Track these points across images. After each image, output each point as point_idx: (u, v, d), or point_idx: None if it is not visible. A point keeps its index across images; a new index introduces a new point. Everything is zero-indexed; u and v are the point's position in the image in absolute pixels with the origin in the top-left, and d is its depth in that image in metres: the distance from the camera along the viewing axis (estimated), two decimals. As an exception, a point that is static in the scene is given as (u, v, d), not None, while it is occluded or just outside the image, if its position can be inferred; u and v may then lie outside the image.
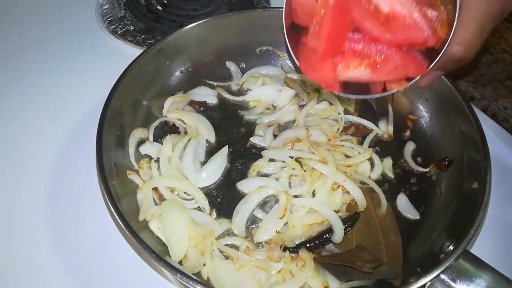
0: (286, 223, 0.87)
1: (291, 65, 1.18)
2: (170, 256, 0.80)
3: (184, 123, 1.03)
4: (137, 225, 0.83)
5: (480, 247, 0.90)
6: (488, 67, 1.30)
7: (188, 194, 0.92)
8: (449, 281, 0.69)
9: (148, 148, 0.97)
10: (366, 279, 0.78)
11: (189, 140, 0.98)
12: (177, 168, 0.94)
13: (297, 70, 1.00)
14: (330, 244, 0.86)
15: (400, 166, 1.00)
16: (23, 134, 1.08)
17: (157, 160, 0.95)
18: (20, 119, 1.11)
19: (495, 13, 0.68)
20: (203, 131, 1.01)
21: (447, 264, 0.69)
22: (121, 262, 0.88)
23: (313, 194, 0.92)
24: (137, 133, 0.98)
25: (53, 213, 0.94)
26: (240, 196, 0.92)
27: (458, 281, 0.69)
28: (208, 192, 0.94)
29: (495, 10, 0.68)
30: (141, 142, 0.99)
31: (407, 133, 1.06)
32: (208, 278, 0.80)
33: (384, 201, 0.92)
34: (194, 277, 0.72)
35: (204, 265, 0.81)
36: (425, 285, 0.69)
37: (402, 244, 0.85)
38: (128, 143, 0.96)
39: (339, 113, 1.07)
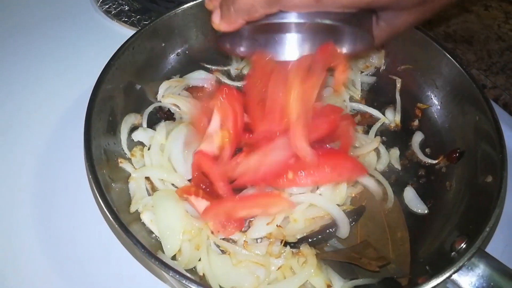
0: (287, 217, 0.82)
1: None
2: (163, 251, 0.75)
3: (180, 109, 0.98)
4: (128, 218, 0.78)
5: (495, 245, 0.85)
6: (500, 54, 1.24)
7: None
8: (461, 284, 0.64)
9: (141, 135, 0.92)
10: (372, 278, 0.73)
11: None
12: (169, 157, 0.88)
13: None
14: (333, 240, 0.81)
15: (407, 157, 0.95)
16: (10, 119, 1.03)
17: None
18: (8, 104, 1.06)
19: None
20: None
21: (460, 264, 0.64)
22: (110, 258, 0.84)
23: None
24: (130, 119, 0.93)
25: (39, 204, 0.90)
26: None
27: (472, 283, 0.64)
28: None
29: None
30: (134, 128, 0.93)
31: (416, 123, 1.00)
32: (203, 274, 0.75)
33: (391, 194, 0.87)
34: (188, 275, 0.67)
35: (200, 260, 0.76)
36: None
37: (409, 241, 0.80)
38: (120, 129, 0.90)
39: (344, 101, 1.02)
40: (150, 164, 0.87)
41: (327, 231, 0.81)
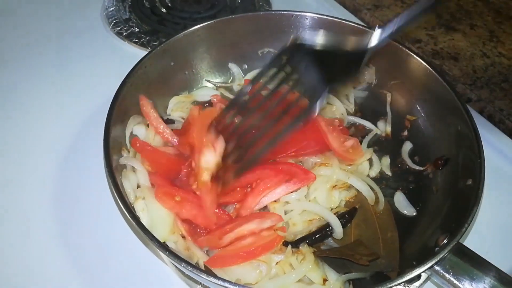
0: (287, 222, 0.90)
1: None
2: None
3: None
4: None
5: (473, 241, 0.92)
6: (485, 70, 1.33)
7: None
8: (443, 272, 0.72)
9: (139, 130, 0.99)
10: (364, 271, 0.80)
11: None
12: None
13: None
14: (329, 239, 0.89)
15: (397, 165, 1.03)
16: (28, 134, 1.10)
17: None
18: (26, 118, 1.13)
19: None
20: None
21: (441, 256, 0.71)
22: (128, 255, 0.91)
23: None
24: (138, 119, 1.00)
25: (58, 213, 0.97)
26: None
27: (452, 272, 0.72)
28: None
29: None
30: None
31: (405, 133, 1.08)
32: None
33: (382, 198, 0.95)
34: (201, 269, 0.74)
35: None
36: (420, 275, 0.72)
37: (399, 239, 0.88)
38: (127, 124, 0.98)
39: (342, 114, 1.10)
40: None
41: (323, 232, 0.88)
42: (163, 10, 1.44)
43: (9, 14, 1.40)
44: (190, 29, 1.09)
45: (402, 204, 0.96)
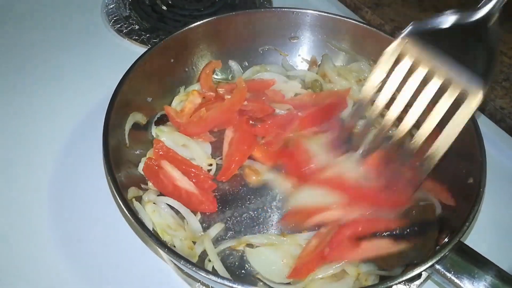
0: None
1: (292, 64, 1.21)
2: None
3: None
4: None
5: (474, 240, 0.92)
6: (486, 68, 1.32)
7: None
8: (444, 271, 0.71)
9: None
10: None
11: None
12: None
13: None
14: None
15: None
16: (27, 130, 1.10)
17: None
18: (26, 116, 1.13)
19: None
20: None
21: (442, 254, 0.71)
22: (127, 252, 0.91)
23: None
24: (137, 116, 1.00)
25: (55, 210, 0.96)
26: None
27: (453, 271, 0.71)
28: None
29: None
30: (135, 125, 1.00)
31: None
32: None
33: None
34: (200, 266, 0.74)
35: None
36: (420, 274, 0.72)
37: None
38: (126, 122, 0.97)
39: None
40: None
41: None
42: (164, 7, 1.44)
43: (8, 11, 1.40)
44: (190, 26, 1.08)
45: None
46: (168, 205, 0.90)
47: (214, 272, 0.75)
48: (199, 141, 1.01)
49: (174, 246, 0.85)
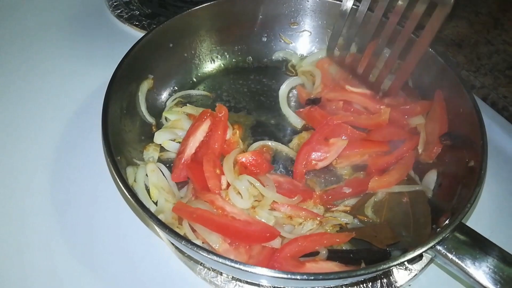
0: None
1: (295, 51, 1.20)
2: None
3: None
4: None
5: (477, 222, 0.90)
6: (489, 57, 1.31)
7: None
8: (446, 252, 0.71)
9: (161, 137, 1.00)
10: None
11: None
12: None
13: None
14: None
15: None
16: (28, 114, 1.10)
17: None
18: (27, 98, 1.13)
19: None
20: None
21: (443, 235, 0.70)
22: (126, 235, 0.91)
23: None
24: (144, 87, 1.02)
25: (55, 194, 0.96)
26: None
27: (454, 252, 0.71)
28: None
29: None
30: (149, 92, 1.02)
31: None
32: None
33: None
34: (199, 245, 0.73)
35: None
36: (421, 255, 0.71)
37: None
38: (138, 102, 1.00)
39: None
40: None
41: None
42: (164, -7, 1.43)
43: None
44: (189, 11, 1.08)
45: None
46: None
47: (214, 252, 0.74)
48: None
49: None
